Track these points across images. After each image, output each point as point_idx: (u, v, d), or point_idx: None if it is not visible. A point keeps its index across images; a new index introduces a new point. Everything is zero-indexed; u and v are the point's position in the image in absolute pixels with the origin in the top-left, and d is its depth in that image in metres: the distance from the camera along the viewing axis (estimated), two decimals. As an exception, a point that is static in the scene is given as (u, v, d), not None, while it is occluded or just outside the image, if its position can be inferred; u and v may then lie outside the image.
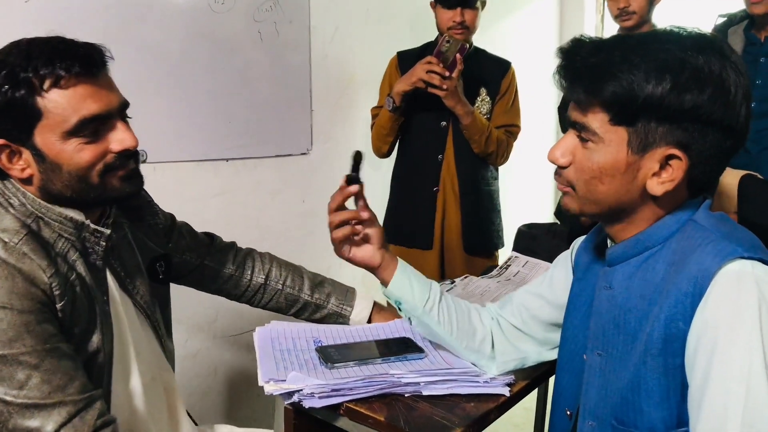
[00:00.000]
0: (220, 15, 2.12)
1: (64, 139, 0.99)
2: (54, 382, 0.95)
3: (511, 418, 2.63)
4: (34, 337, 0.95)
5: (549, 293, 1.18)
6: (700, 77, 0.85)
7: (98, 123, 1.01)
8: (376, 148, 2.33)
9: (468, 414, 1.10)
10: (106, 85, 1.03)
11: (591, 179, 0.93)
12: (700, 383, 0.84)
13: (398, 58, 2.36)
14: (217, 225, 2.23)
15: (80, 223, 1.06)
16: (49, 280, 0.98)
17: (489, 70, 2.31)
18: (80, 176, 1.02)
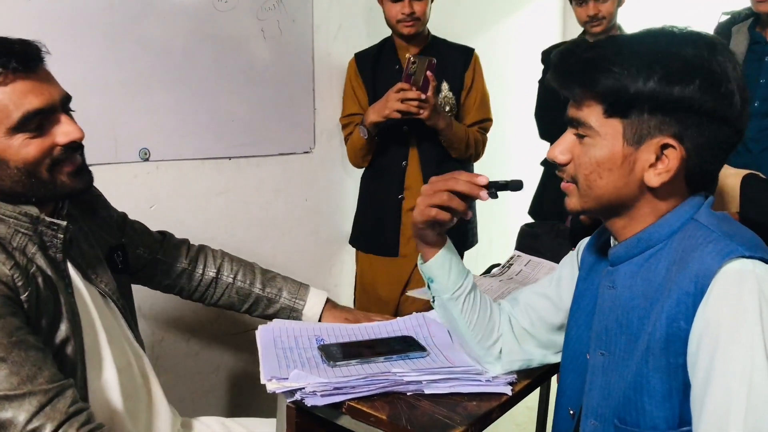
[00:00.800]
0: (223, 13, 2.12)
1: (8, 136, 1.00)
2: (22, 373, 0.95)
3: (514, 417, 2.63)
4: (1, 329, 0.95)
5: (555, 295, 1.18)
6: (689, 68, 0.87)
7: (42, 117, 1.02)
8: (353, 163, 2.30)
9: (470, 413, 1.10)
10: (45, 80, 1.04)
11: (590, 174, 0.94)
12: (702, 382, 0.84)
13: (356, 60, 2.28)
14: (220, 223, 2.24)
15: (35, 217, 1.06)
16: (10, 272, 0.98)
17: (450, 61, 2.19)
18: (29, 171, 1.02)
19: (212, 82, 2.13)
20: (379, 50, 2.26)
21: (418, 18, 2.09)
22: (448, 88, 2.18)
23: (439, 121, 2.04)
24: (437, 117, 2.02)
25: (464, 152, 2.16)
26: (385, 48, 2.26)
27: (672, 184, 0.92)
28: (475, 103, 2.23)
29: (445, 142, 2.12)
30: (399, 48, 2.22)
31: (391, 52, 2.24)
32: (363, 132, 2.11)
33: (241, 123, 2.22)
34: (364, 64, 2.25)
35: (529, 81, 2.78)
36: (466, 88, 2.20)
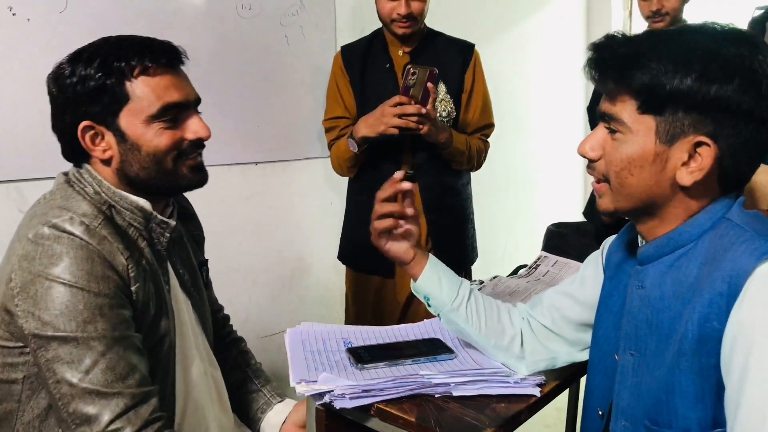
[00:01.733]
0: (247, 20, 2.15)
1: (146, 123, 1.08)
2: (117, 370, 1.00)
3: (543, 418, 2.61)
4: (106, 322, 1.00)
5: (579, 293, 1.17)
6: (729, 67, 0.84)
7: (177, 111, 1.10)
8: (338, 173, 2.08)
9: (498, 414, 1.10)
10: (185, 79, 1.14)
11: (620, 171, 0.93)
12: (736, 384, 0.83)
13: (343, 55, 2.04)
14: (247, 228, 2.27)
15: (149, 213, 1.13)
16: (126, 262, 1.04)
17: (448, 58, 1.98)
18: (157, 159, 1.10)
19: (238, 89, 2.16)
20: (369, 45, 2.02)
21: (415, 18, 1.89)
22: (446, 91, 1.97)
23: (441, 136, 1.86)
24: (438, 132, 1.85)
25: (465, 164, 2.00)
26: (375, 43, 2.02)
27: (705, 184, 0.90)
28: (477, 108, 2.03)
29: (446, 156, 1.94)
30: (390, 44, 2.00)
31: (382, 48, 2.01)
32: (352, 146, 1.90)
33: (266, 128, 2.25)
34: (352, 59, 2.01)
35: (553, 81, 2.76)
36: (466, 91, 2.00)
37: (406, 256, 1.20)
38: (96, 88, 1.05)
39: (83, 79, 1.05)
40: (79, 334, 0.98)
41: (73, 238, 1.00)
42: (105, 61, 1.06)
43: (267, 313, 2.36)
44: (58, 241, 1.00)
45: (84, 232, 1.01)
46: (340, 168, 2.02)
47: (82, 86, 1.05)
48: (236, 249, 2.22)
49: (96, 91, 1.05)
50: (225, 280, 2.10)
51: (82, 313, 0.98)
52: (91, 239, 1.01)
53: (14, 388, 1.06)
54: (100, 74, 1.05)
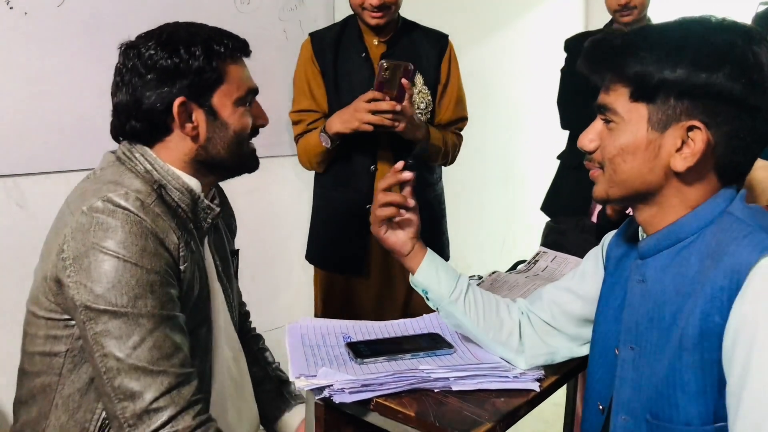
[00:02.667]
0: (245, 15, 2.14)
1: (235, 105, 1.14)
2: (163, 349, 1.01)
3: (541, 413, 2.61)
4: (156, 299, 1.01)
5: (580, 288, 1.17)
6: (719, 55, 0.85)
7: (252, 97, 1.18)
8: (306, 166, 1.99)
9: (498, 409, 1.10)
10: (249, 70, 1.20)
11: (614, 158, 0.94)
12: (738, 379, 0.83)
13: (312, 42, 1.92)
14: (247, 223, 2.25)
15: (197, 195, 1.15)
16: (178, 241, 1.06)
17: (423, 50, 1.91)
18: (240, 140, 1.16)
19: (236, 83, 2.15)
20: (341, 32, 1.92)
21: (388, 7, 1.79)
22: (423, 82, 1.90)
23: (417, 133, 1.79)
24: (415, 129, 1.77)
25: (441, 160, 1.95)
26: (348, 30, 1.92)
27: (699, 172, 0.91)
28: (451, 101, 1.96)
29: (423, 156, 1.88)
30: (365, 32, 1.91)
31: (355, 36, 1.91)
32: (325, 140, 1.82)
33: (265, 123, 2.24)
34: (323, 47, 1.90)
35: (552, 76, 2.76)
36: (441, 83, 1.94)
37: (404, 247, 1.20)
38: (199, 67, 1.10)
39: (186, 58, 1.09)
40: (129, 309, 0.99)
41: (129, 213, 1.02)
42: (206, 43, 1.11)
43: (266, 308, 2.36)
44: (113, 215, 1.01)
45: (139, 208, 1.03)
46: (309, 163, 1.94)
47: (186, 64, 1.09)
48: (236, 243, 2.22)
49: (199, 70, 1.10)
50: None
51: (134, 289, 1.00)
52: (146, 216, 1.03)
53: (56, 361, 1.07)
54: (203, 56, 1.10)
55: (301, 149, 1.94)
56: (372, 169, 1.90)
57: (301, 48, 1.96)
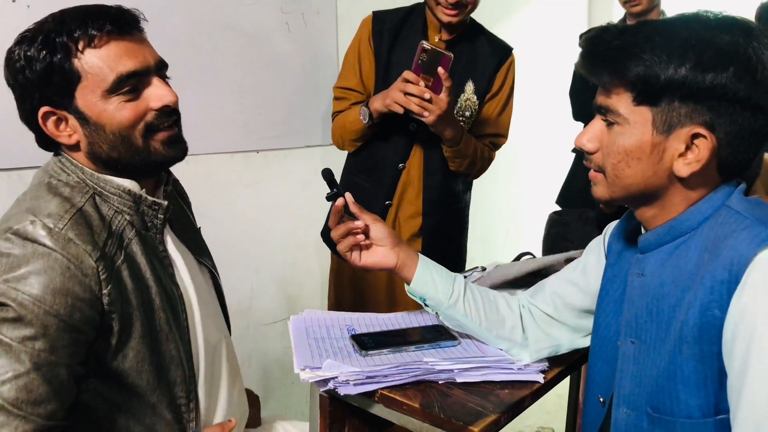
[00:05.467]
0: (248, 7, 2.14)
1: (104, 99, 0.99)
2: (33, 394, 0.92)
3: (544, 405, 2.62)
4: (47, 342, 0.93)
5: (581, 280, 1.18)
6: (724, 55, 0.84)
7: (136, 80, 1.01)
8: (338, 144, 1.91)
9: (502, 401, 1.11)
10: (139, 43, 1.03)
11: (618, 163, 0.93)
12: (739, 371, 0.84)
13: (374, 21, 1.83)
14: (249, 215, 2.27)
15: (138, 195, 1.06)
16: (95, 263, 0.96)
17: (482, 57, 1.82)
18: (123, 136, 1.01)
19: (239, 76, 2.15)
20: (405, 19, 1.83)
21: (465, 6, 1.71)
22: (473, 90, 1.81)
23: (446, 132, 1.69)
24: (445, 125, 1.66)
25: (466, 169, 1.83)
26: (412, 18, 1.83)
27: (703, 174, 0.91)
28: (495, 112, 1.86)
29: (447, 153, 1.78)
30: (430, 25, 1.81)
31: (419, 27, 1.82)
32: (364, 115, 1.73)
33: (268, 116, 2.24)
34: (382, 30, 1.81)
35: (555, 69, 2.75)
36: (491, 93, 1.84)
37: (387, 261, 1.19)
38: (43, 69, 0.97)
39: (30, 61, 0.97)
40: (15, 344, 0.91)
41: (35, 245, 0.94)
42: (47, 38, 0.97)
43: (270, 300, 2.37)
44: (21, 248, 0.93)
45: (47, 236, 0.94)
46: (342, 140, 1.86)
47: (30, 69, 0.97)
48: (238, 237, 2.22)
49: (45, 73, 0.97)
50: (227, 268, 2.10)
51: (26, 328, 0.92)
52: (56, 244, 0.94)
53: None
54: (45, 53, 0.96)
55: (338, 125, 1.86)
56: (400, 166, 1.84)
57: (360, 24, 1.87)
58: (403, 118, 1.69)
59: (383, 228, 1.20)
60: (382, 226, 1.21)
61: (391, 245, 1.20)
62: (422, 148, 1.82)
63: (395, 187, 1.85)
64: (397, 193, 1.86)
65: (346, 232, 1.18)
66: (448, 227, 1.93)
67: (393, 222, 1.88)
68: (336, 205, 1.18)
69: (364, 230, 1.19)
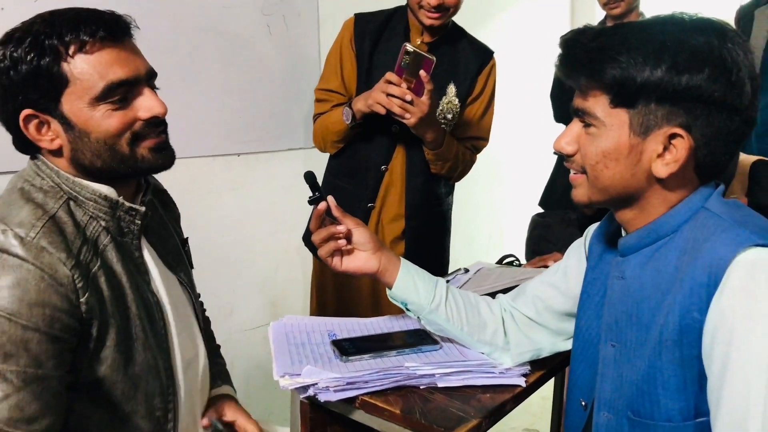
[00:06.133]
0: (228, 10, 2.12)
1: (92, 106, 0.97)
2: (26, 411, 0.91)
3: (529, 407, 2.62)
4: (30, 357, 0.91)
5: (563, 283, 1.17)
6: (698, 57, 0.85)
7: (125, 89, 0.99)
8: (320, 146, 1.90)
9: (484, 405, 1.10)
10: (131, 52, 1.02)
11: (596, 164, 0.93)
12: (718, 374, 0.83)
13: (356, 24, 1.83)
14: (231, 220, 2.25)
15: (114, 201, 1.03)
16: (70, 272, 0.94)
17: (464, 60, 1.83)
18: (109, 145, 0.99)
19: (219, 80, 2.13)
20: (386, 21, 1.84)
21: (447, 9, 1.71)
22: (455, 93, 1.83)
23: (428, 134, 1.70)
24: (426, 128, 1.67)
25: (448, 172, 1.84)
26: (394, 21, 1.84)
27: (681, 175, 0.91)
28: (476, 115, 1.87)
29: (428, 156, 1.79)
30: (412, 27, 1.83)
31: (401, 29, 1.83)
32: (347, 116, 1.73)
33: (249, 119, 2.23)
34: (364, 32, 1.81)
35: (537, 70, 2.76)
36: (472, 96, 1.85)
37: (368, 266, 1.19)
38: (30, 71, 0.94)
39: (15, 62, 0.94)
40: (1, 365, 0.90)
41: (7, 257, 0.91)
42: (36, 40, 0.94)
43: (252, 305, 2.35)
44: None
45: (19, 246, 0.91)
46: (324, 141, 1.85)
47: (15, 71, 0.94)
48: (220, 241, 2.21)
49: (30, 75, 0.94)
50: (209, 273, 2.09)
51: (5, 346, 0.89)
52: (28, 253, 0.91)
53: None
54: (32, 55, 0.94)
55: (320, 126, 1.85)
56: (383, 168, 1.84)
57: (342, 26, 1.87)
58: (386, 120, 1.69)
59: (365, 232, 1.19)
60: (364, 230, 1.20)
61: (373, 250, 1.19)
62: (405, 150, 1.82)
63: (378, 190, 1.85)
64: (380, 195, 1.85)
65: (328, 237, 1.17)
66: (431, 230, 1.93)
67: (376, 225, 1.88)
68: (318, 209, 1.17)
69: (346, 235, 1.18)
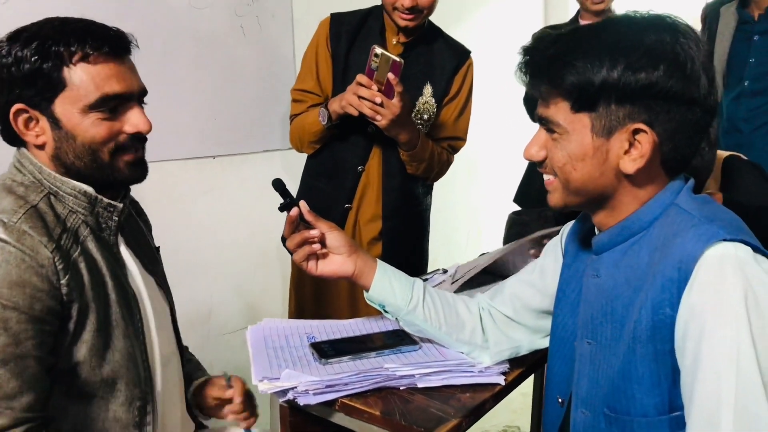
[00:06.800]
0: (201, 11, 2.10)
1: (83, 112, 1.03)
2: (5, 389, 0.94)
3: (509, 404, 2.64)
4: (9, 337, 0.94)
5: (539, 281, 1.18)
6: (652, 54, 0.86)
7: (117, 102, 1.05)
8: (296, 146, 1.89)
9: (464, 405, 1.11)
10: (129, 69, 1.09)
11: (563, 166, 0.94)
12: (690, 369, 0.85)
13: (332, 24, 1.83)
14: (206, 223, 2.23)
15: (93, 197, 1.07)
16: (51, 254, 0.98)
17: (440, 60, 1.82)
18: (92, 150, 1.05)
19: (192, 81, 2.11)
20: (362, 21, 1.83)
21: (421, 11, 1.71)
22: (431, 93, 1.82)
23: (401, 135, 1.69)
24: (399, 129, 1.66)
25: (423, 172, 1.83)
26: (370, 21, 1.83)
27: (649, 170, 0.92)
28: (453, 115, 1.86)
29: (403, 156, 1.77)
30: (387, 27, 1.82)
31: (376, 30, 1.82)
32: (323, 116, 1.73)
33: (223, 121, 2.21)
34: (340, 32, 1.81)
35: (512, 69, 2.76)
36: (449, 96, 1.85)
37: (344, 269, 1.19)
38: (31, 71, 1.00)
39: (19, 60, 1.00)
40: None
41: None
42: (43, 43, 1.00)
43: (230, 309, 2.33)
44: None
45: (1, 229, 0.96)
46: (300, 142, 1.85)
47: (17, 68, 1.00)
48: (196, 245, 2.18)
49: (31, 75, 1.00)
50: (186, 277, 2.07)
51: None
52: (9, 236, 0.96)
53: None
54: (37, 57, 1.00)
55: (296, 127, 1.85)
56: (359, 169, 1.83)
57: (318, 26, 1.87)
58: (362, 121, 1.68)
59: (340, 236, 1.19)
60: (339, 233, 1.19)
61: (348, 253, 1.19)
62: (381, 150, 1.82)
63: (355, 190, 1.84)
64: (357, 196, 1.85)
65: (302, 242, 1.17)
66: (408, 231, 1.92)
67: (353, 225, 1.87)
68: (290, 215, 1.17)
69: (320, 239, 1.18)
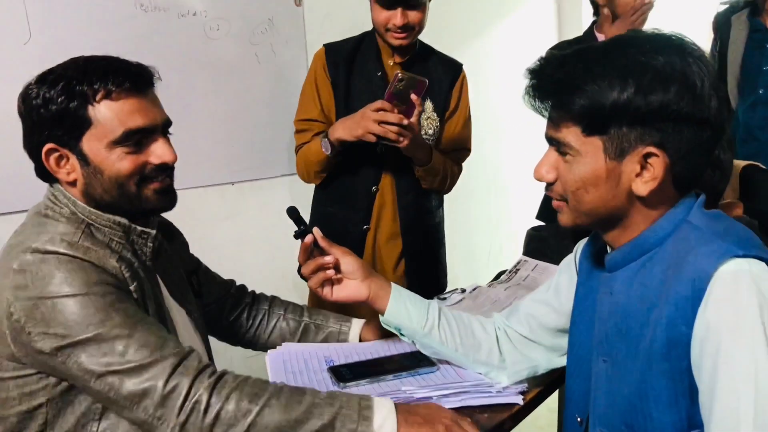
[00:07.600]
0: (216, 41, 2.15)
1: (109, 148, 1.07)
2: (150, 345, 1.01)
3: (536, 420, 2.60)
4: (121, 314, 1.01)
5: (555, 300, 1.18)
6: (663, 76, 0.86)
7: (141, 136, 1.09)
8: (303, 177, 1.91)
9: (482, 425, 1.10)
10: (152, 102, 1.12)
11: (576, 191, 0.94)
12: (708, 387, 0.84)
13: (327, 53, 1.88)
14: (227, 249, 2.25)
15: (127, 226, 1.12)
16: (117, 264, 1.06)
17: (436, 76, 1.87)
18: (119, 183, 1.09)
19: (210, 110, 2.15)
20: (356, 48, 1.88)
21: (412, 29, 1.77)
22: (433, 108, 1.87)
23: (418, 153, 1.76)
24: (416, 148, 1.73)
25: (437, 186, 1.89)
26: (364, 46, 1.89)
27: (660, 191, 0.91)
28: (456, 129, 1.92)
29: (419, 173, 1.83)
30: (382, 49, 1.87)
31: (372, 54, 1.88)
32: (326, 147, 1.76)
33: (241, 148, 2.25)
34: (337, 60, 1.86)
35: (525, 84, 2.77)
36: (450, 110, 1.91)
37: (359, 294, 1.20)
38: (58, 111, 1.05)
39: (47, 101, 1.05)
40: (100, 330, 0.99)
41: (58, 255, 1.01)
42: (68, 84, 1.05)
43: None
44: (44, 262, 1.01)
45: (67, 247, 1.02)
46: (307, 173, 1.88)
47: (45, 109, 1.05)
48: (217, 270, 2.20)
49: (59, 115, 1.05)
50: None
51: (96, 315, 1.00)
52: (76, 252, 1.02)
53: (38, 413, 1.06)
54: (63, 98, 1.05)
55: (301, 158, 1.88)
56: (374, 189, 1.86)
57: (314, 57, 1.92)
58: (369, 143, 1.70)
59: (354, 261, 1.20)
60: (353, 259, 1.21)
61: (362, 278, 1.20)
62: (392, 169, 1.86)
63: (371, 211, 1.87)
64: (374, 216, 1.88)
65: (316, 268, 1.18)
66: (427, 244, 1.96)
67: (372, 246, 1.89)
68: (304, 243, 1.19)
69: (335, 264, 1.19)
